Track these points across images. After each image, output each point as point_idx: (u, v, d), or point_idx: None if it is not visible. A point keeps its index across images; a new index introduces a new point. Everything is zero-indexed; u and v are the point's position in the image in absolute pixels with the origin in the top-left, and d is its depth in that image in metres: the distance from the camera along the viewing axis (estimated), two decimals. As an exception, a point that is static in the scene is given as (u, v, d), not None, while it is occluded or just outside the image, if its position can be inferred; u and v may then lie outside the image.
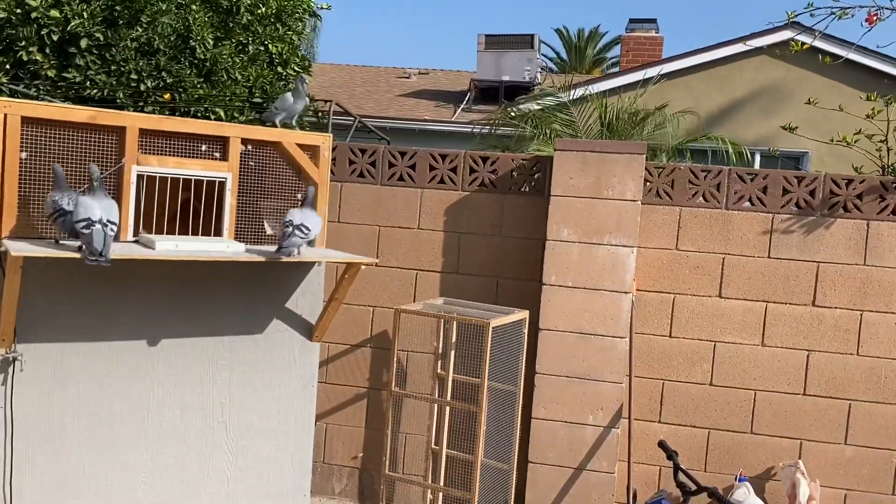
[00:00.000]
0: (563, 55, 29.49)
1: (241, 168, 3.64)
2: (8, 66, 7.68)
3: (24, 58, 7.66)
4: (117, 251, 3.02)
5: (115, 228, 2.96)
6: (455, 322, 4.23)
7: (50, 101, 6.29)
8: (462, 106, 15.20)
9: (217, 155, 3.59)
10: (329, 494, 5.07)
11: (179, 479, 3.58)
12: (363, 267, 3.58)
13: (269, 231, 3.82)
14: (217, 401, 3.66)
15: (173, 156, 3.47)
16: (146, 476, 3.49)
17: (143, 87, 7.99)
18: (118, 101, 7.91)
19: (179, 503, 3.58)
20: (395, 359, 4.33)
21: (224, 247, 3.29)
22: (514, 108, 7.72)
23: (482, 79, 15.20)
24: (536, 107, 7.59)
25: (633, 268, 4.43)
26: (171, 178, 3.46)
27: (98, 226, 2.87)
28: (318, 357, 3.95)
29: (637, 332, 4.63)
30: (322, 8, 10.37)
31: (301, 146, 3.76)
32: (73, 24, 7.45)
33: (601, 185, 4.43)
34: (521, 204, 4.79)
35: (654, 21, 16.32)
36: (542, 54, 17.05)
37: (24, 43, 7.61)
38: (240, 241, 3.61)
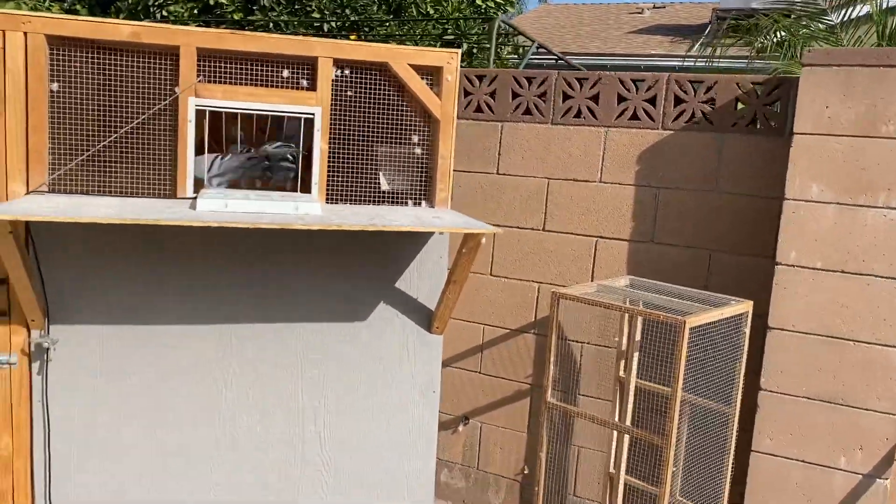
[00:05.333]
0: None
1: (335, 99, 2.70)
2: (196, 12, 7.50)
3: (211, 2, 7.43)
4: (135, 209, 2.23)
5: None
6: (639, 317, 3.02)
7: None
8: (701, 39, 13.15)
9: (304, 83, 2.68)
10: (485, 508, 4.14)
11: (262, 501, 2.82)
12: (483, 240, 2.48)
13: (384, 186, 2.88)
14: (308, 405, 2.83)
15: (244, 85, 2.61)
16: (222, 495, 2.77)
17: (326, 28, 7.45)
18: (301, 42, 7.44)
19: (258, 532, 2.84)
20: (552, 357, 3.21)
21: (291, 207, 2.38)
22: (745, 35, 5.94)
23: (727, 7, 12.99)
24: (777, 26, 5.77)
25: (926, 243, 2.88)
26: (242, 113, 2.62)
27: None
28: (440, 353, 2.97)
29: (926, 339, 3.07)
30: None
31: (417, 68, 2.73)
32: (255, -40, 7.05)
33: (877, 116, 2.90)
34: (748, 147, 3.38)
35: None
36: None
37: (210, -14, 7.38)
38: (334, 200, 2.71)
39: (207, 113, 2.58)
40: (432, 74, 2.78)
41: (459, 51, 2.76)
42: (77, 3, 9.00)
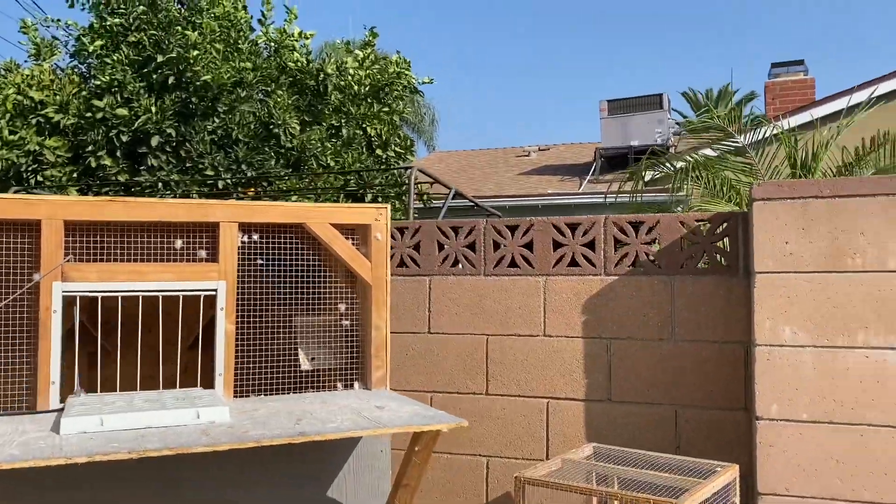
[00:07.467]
0: (693, 119, 27.47)
1: (242, 270, 2.24)
2: (76, 176, 6.94)
3: (93, 164, 6.90)
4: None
5: None
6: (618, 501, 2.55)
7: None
8: (588, 177, 13.69)
9: (203, 254, 2.21)
10: None
11: None
12: (445, 430, 2.00)
13: (304, 365, 2.38)
14: None
15: (129, 260, 2.11)
16: None
17: (221, 185, 7.04)
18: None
19: None
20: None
21: (190, 416, 1.84)
22: (662, 166, 6.00)
23: (608, 147, 13.72)
24: (692, 158, 5.82)
25: (913, 383, 2.61)
26: (123, 296, 2.10)
27: None
28: (389, 576, 2.38)
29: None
30: (424, 82, 9.32)
31: (340, 227, 2.33)
32: (141, 119, 6.63)
33: (841, 250, 2.69)
34: (703, 289, 3.11)
35: (801, 62, 14.21)
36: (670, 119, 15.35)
37: (92, 148, 6.86)
38: (245, 391, 2.18)
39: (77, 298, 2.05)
40: (357, 233, 2.38)
41: (388, 206, 2.38)
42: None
